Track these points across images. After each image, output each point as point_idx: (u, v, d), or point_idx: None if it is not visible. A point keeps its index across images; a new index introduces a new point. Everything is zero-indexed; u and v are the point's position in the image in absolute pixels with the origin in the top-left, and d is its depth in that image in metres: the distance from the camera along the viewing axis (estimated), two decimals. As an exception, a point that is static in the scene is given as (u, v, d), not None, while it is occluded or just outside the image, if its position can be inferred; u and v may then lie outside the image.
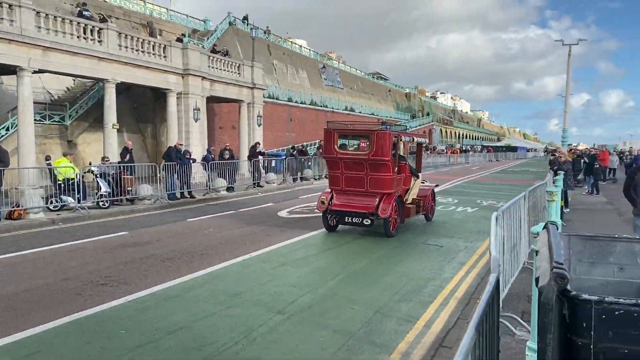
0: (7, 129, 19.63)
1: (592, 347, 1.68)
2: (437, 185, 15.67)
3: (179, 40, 26.61)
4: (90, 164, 17.61)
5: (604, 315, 1.67)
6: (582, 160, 22.28)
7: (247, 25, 41.52)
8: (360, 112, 58.66)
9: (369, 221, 10.67)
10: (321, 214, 11.43)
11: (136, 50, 21.24)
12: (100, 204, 14.38)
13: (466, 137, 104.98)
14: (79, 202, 13.65)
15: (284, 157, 25.61)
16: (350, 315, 6.02)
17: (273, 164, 24.50)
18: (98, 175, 14.84)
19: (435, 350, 5.12)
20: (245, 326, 5.62)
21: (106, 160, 16.63)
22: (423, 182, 13.33)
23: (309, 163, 26.33)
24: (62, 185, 13.86)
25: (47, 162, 15.39)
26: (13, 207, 12.39)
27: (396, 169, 10.99)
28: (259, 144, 24.25)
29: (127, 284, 7.26)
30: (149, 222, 12.83)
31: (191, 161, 17.80)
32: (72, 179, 13.86)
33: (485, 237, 10.99)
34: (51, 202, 13.56)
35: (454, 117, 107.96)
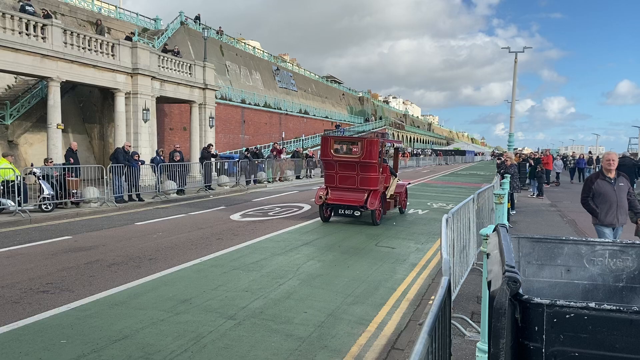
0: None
1: (543, 350, 1.68)
2: (409, 183, 17.75)
3: (128, 38, 25.88)
4: (32, 165, 16.84)
5: (555, 319, 1.67)
6: (528, 164, 23.08)
7: (199, 25, 40.92)
8: (314, 115, 58.80)
9: (359, 212, 12.87)
10: (272, 218, 12.20)
11: (83, 48, 20.49)
12: (43, 207, 13.75)
13: (417, 141, 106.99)
14: (19, 205, 13.00)
15: (237, 159, 25.30)
16: (302, 319, 5.96)
17: (226, 167, 24.16)
18: (41, 177, 14.18)
19: (387, 353, 5.12)
20: (194, 332, 5.46)
21: (50, 162, 15.94)
22: (399, 181, 15.43)
23: (263, 166, 26.13)
24: (2, 187, 13.17)
25: (-15, 163, 14.60)
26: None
27: (380, 169, 12.98)
28: (212, 146, 23.87)
29: (70, 290, 6.94)
30: (94, 226, 12.36)
31: (139, 163, 17.31)
32: (12, 180, 13.19)
33: (436, 239, 11.18)
34: (-12, 206, 12.87)
35: (406, 121, 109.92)
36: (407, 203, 16.16)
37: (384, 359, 5.01)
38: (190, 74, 27.48)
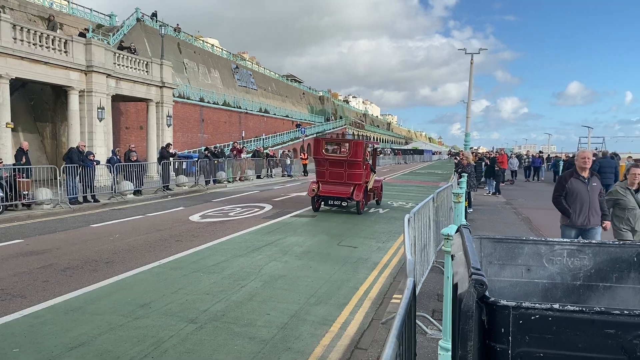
0: None
1: (510, 352, 1.71)
2: (384, 179, 19.92)
3: (82, 35, 25.14)
4: (-21, 166, 16.10)
5: (521, 321, 1.70)
6: (484, 163, 23.65)
7: (156, 22, 40.11)
8: (274, 114, 58.56)
9: (346, 203, 15.11)
10: (233, 219, 12.31)
11: (33, 44, 19.72)
12: (-9, 209, 13.18)
13: (377, 140, 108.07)
14: (-35, 208, 12.43)
15: (196, 158, 24.91)
16: (265, 321, 5.91)
17: (184, 166, 23.76)
18: (-12, 179, 13.59)
19: (351, 353, 5.14)
20: (154, 337, 5.33)
21: (-2, 162, 15.29)
22: (376, 177, 17.46)
23: (223, 165, 25.83)
24: (-55, 189, 12.56)
25: None
26: None
27: (364, 166, 14.95)
28: (171, 145, 23.44)
29: (23, 296, 6.67)
30: (48, 229, 11.93)
31: (95, 163, 16.82)
32: (-42, 182, 12.59)
33: (396, 237, 11.31)
34: None
35: (366, 120, 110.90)
36: (382, 196, 18.03)
37: (348, 359, 5.03)
38: (147, 71, 26.87)
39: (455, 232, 2.84)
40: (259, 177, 29.52)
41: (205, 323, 5.80)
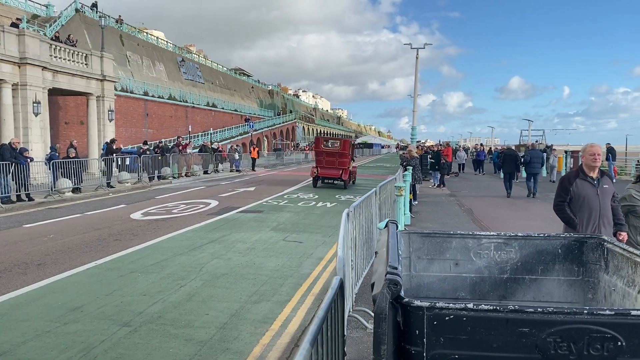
0: None
1: (425, 354, 1.65)
2: (357, 166, 26.82)
3: (15, 25, 23.80)
4: None
5: (436, 322, 1.64)
6: (429, 156, 24.08)
7: (96, 13, 38.59)
8: (223, 108, 57.70)
9: (337, 181, 21.69)
10: (176, 216, 12.62)
11: (-42, 34, 18.55)
12: None
13: (327, 135, 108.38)
14: None
15: (136, 154, 24.12)
16: (204, 321, 5.73)
17: (127, 162, 23.00)
18: None
19: (291, 351, 5.04)
20: (84, 343, 5.06)
21: None
22: (354, 164, 24.52)
23: (168, 161, 25.16)
24: None
25: None
26: None
27: (349, 157, 21.94)
28: (115, 141, 22.65)
29: (-60, 305, 6.21)
30: (-25, 231, 11.23)
31: (29, 160, 15.99)
32: None
33: (343, 232, 11.29)
34: None
35: (316, 115, 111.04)
36: (356, 178, 24.23)
37: (287, 357, 4.93)
38: (86, 64, 25.82)
39: (384, 227, 2.77)
40: (206, 172, 28.98)
41: (140, 326, 5.56)
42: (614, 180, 6.97)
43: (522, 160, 19.72)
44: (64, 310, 6.05)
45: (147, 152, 23.96)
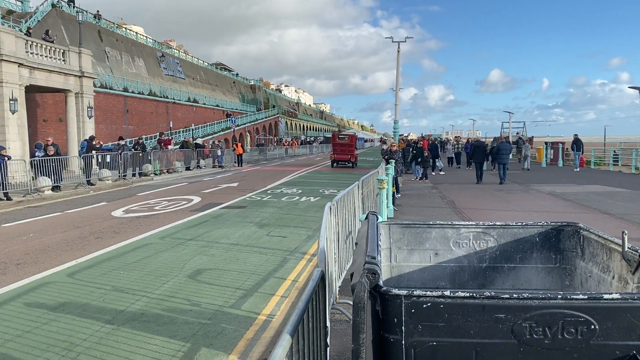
0: None
1: (403, 342, 1.66)
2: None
3: (-12, 21, 23.32)
4: None
5: (413, 310, 1.65)
6: (412, 149, 24.23)
7: (73, 8, 37.96)
8: (204, 104, 57.27)
9: (348, 163, 32.80)
10: (158, 213, 11.95)
11: None
12: None
13: (310, 129, 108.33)
14: None
15: (113, 150, 23.83)
16: (187, 318, 5.71)
17: (108, 159, 22.72)
18: None
19: (275, 345, 5.04)
20: (66, 342, 5.01)
21: None
22: (357, 151, 33.65)
23: (149, 157, 24.93)
24: None
25: None
26: None
27: (355, 146, 33.19)
28: (95, 138, 22.35)
29: None
30: (-49, 231, 11.02)
31: (6, 159, 15.73)
32: None
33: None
34: None
35: (299, 109, 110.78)
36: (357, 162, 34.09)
37: (271, 351, 4.93)
38: (64, 60, 25.40)
39: (365, 219, 2.79)
40: (188, 168, 28.77)
41: (123, 323, 5.52)
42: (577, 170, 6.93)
43: (490, 150, 21.71)
44: (45, 309, 5.98)
45: (125, 149, 23.68)
